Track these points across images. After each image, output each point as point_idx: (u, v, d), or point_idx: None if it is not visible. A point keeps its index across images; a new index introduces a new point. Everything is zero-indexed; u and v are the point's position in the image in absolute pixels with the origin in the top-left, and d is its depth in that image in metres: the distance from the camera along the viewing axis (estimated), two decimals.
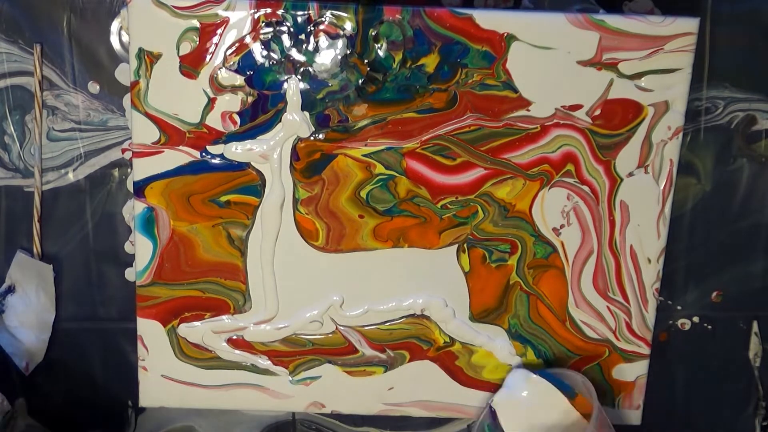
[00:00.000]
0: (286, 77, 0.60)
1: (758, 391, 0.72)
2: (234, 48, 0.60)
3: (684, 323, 0.70)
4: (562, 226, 0.64)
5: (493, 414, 0.61)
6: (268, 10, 0.59)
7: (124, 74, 0.65)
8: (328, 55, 0.60)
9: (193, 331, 0.65)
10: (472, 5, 0.65)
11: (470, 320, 0.65)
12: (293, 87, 0.60)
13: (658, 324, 0.67)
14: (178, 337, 0.65)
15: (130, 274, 0.68)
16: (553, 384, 0.61)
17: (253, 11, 0.59)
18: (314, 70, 0.60)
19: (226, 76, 0.60)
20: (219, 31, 0.59)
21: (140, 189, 0.62)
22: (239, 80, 0.60)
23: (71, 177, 0.66)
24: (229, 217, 0.63)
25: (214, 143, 0.61)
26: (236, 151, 0.61)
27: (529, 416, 0.60)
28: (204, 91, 0.60)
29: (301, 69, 0.60)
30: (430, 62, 0.60)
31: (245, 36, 0.59)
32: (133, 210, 0.63)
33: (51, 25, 0.64)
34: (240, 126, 0.61)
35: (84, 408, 0.70)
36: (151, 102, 0.60)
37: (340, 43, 0.60)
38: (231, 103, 0.61)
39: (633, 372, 0.67)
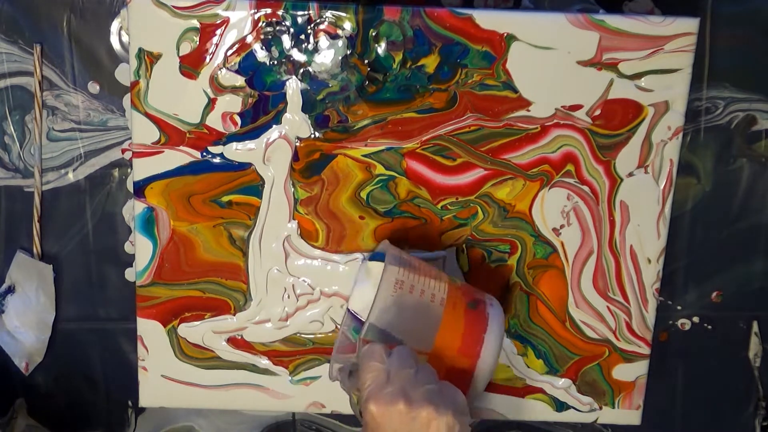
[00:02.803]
0: (286, 78, 0.60)
1: (758, 391, 0.72)
2: (234, 48, 0.60)
3: (684, 323, 0.70)
4: (562, 227, 0.64)
5: (352, 315, 0.58)
6: (268, 11, 0.59)
7: (124, 74, 0.65)
8: (328, 56, 0.60)
9: (193, 331, 0.65)
10: (472, 5, 0.65)
11: None
12: (293, 87, 0.60)
13: (658, 324, 0.67)
14: (178, 337, 0.65)
15: (130, 274, 0.68)
16: (381, 260, 0.58)
17: (253, 11, 0.59)
18: (314, 71, 0.60)
19: (226, 77, 0.60)
20: (219, 32, 0.59)
21: (140, 189, 0.62)
22: (240, 81, 0.60)
23: (71, 177, 0.66)
24: (231, 218, 0.63)
25: (215, 144, 0.61)
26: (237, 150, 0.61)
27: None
28: (204, 91, 0.60)
29: (302, 69, 0.60)
30: (430, 62, 0.60)
31: (245, 36, 0.59)
32: (133, 210, 0.63)
33: (51, 25, 0.64)
34: (241, 127, 0.61)
35: (84, 408, 0.70)
36: (151, 102, 0.60)
37: (340, 43, 0.60)
38: (231, 103, 0.61)
39: (633, 372, 0.67)
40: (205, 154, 0.62)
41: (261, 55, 0.60)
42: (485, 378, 0.55)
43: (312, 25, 0.59)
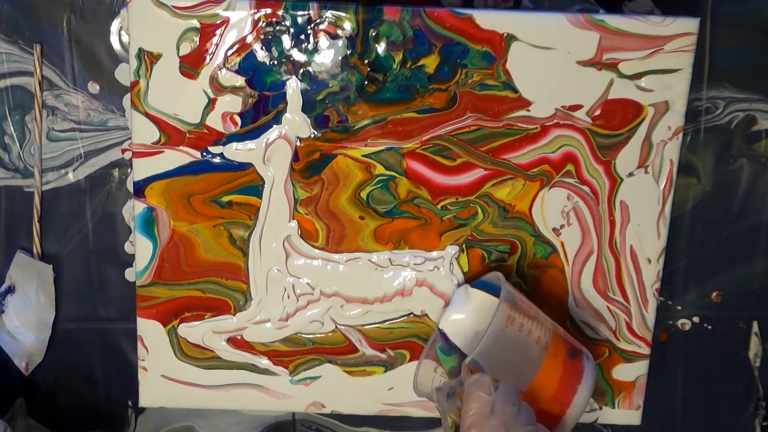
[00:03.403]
0: (286, 78, 0.60)
1: (758, 391, 0.72)
2: (234, 48, 0.60)
3: (684, 323, 0.70)
4: (562, 227, 0.64)
5: (443, 336, 0.61)
6: (268, 11, 0.59)
7: (124, 74, 0.65)
8: (328, 56, 0.60)
9: (193, 331, 0.65)
10: (472, 5, 0.65)
11: None
12: (294, 87, 0.60)
13: (658, 324, 0.67)
14: (178, 337, 0.65)
15: (130, 274, 0.68)
16: (488, 291, 0.61)
17: (253, 11, 0.59)
18: (314, 71, 0.60)
19: (226, 77, 0.60)
20: (219, 32, 0.59)
21: (140, 189, 0.62)
22: (240, 81, 0.60)
23: (71, 177, 0.66)
24: (231, 218, 0.63)
25: (215, 144, 0.61)
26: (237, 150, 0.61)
27: (475, 328, 0.60)
28: (204, 91, 0.60)
29: (302, 69, 0.60)
30: (430, 62, 0.60)
31: (245, 36, 0.59)
32: (133, 210, 0.63)
33: (51, 25, 0.64)
34: (241, 127, 0.61)
35: (84, 408, 0.70)
36: (151, 102, 0.60)
37: (340, 43, 0.60)
38: (231, 103, 0.61)
39: (633, 372, 0.67)
40: (205, 154, 0.62)
41: (261, 55, 0.60)
42: (568, 428, 0.57)
43: (312, 25, 0.59)
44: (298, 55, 0.60)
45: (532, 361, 0.56)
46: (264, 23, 0.59)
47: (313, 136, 0.61)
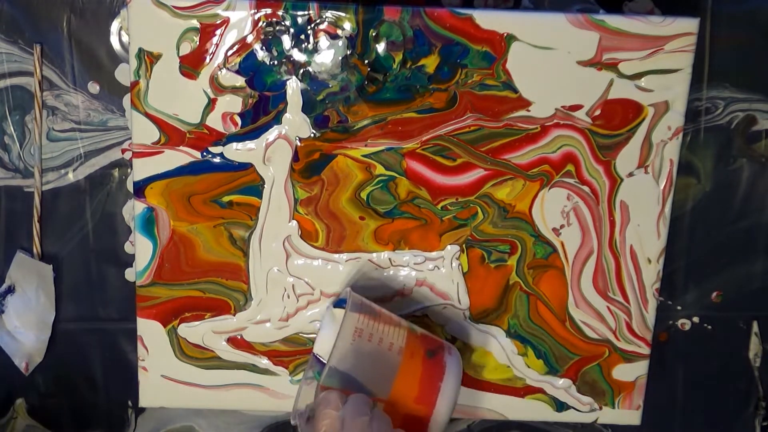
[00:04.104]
0: (286, 78, 0.60)
1: (758, 391, 0.72)
2: (234, 49, 0.60)
3: (684, 323, 0.70)
4: (562, 227, 0.64)
5: (318, 361, 0.60)
6: (268, 11, 0.59)
7: (124, 74, 0.65)
8: (328, 56, 0.60)
9: (193, 331, 0.65)
10: (472, 5, 0.65)
11: (470, 320, 0.65)
12: (294, 88, 0.60)
13: (658, 324, 0.67)
14: (178, 337, 0.65)
15: (130, 274, 0.68)
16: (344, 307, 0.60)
17: (253, 12, 0.59)
18: (314, 71, 0.60)
19: (226, 77, 0.60)
20: (219, 32, 0.59)
21: (140, 189, 0.62)
22: (240, 81, 0.60)
23: (71, 177, 0.66)
24: (232, 218, 0.63)
25: (215, 144, 0.61)
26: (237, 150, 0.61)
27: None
28: (204, 91, 0.60)
29: (302, 70, 0.60)
30: (430, 62, 0.60)
31: (246, 36, 0.59)
32: (133, 210, 0.63)
33: (51, 25, 0.64)
34: (241, 127, 0.61)
35: (84, 408, 0.70)
36: (151, 102, 0.60)
37: (340, 43, 0.60)
38: (232, 103, 0.61)
39: (633, 372, 0.67)
40: (205, 154, 0.62)
41: (261, 55, 0.60)
42: (441, 426, 0.56)
43: (312, 25, 0.59)
44: (298, 55, 0.60)
45: (389, 367, 0.55)
46: (264, 23, 0.59)
47: (313, 136, 0.61)
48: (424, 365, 0.57)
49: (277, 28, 0.59)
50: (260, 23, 0.59)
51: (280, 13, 0.59)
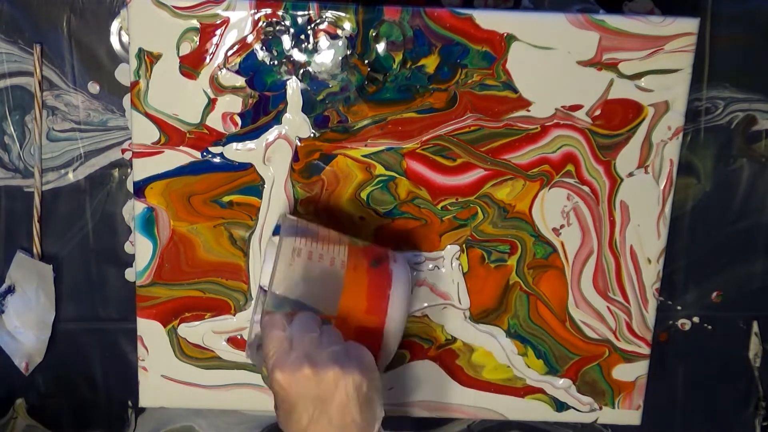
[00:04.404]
0: (286, 78, 0.60)
1: (758, 391, 0.72)
2: (234, 49, 0.60)
3: (684, 323, 0.70)
4: (562, 227, 0.64)
5: (265, 292, 0.57)
6: (268, 11, 0.59)
7: (124, 74, 0.65)
8: (328, 56, 0.60)
9: (193, 331, 0.65)
10: (472, 5, 0.65)
11: (470, 320, 0.65)
12: (294, 88, 0.60)
13: (658, 324, 0.67)
14: (178, 337, 0.65)
15: (130, 274, 0.68)
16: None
17: (253, 11, 0.59)
18: (314, 71, 0.60)
19: (226, 77, 0.60)
20: (219, 32, 0.59)
21: (140, 189, 0.62)
22: (240, 81, 0.60)
23: (71, 177, 0.66)
24: (232, 218, 0.63)
25: (215, 144, 0.61)
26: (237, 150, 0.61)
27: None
28: (204, 91, 0.60)
29: (302, 70, 0.60)
30: (430, 62, 0.60)
31: (246, 36, 0.59)
32: (133, 210, 0.63)
33: (51, 25, 0.64)
34: (241, 127, 0.61)
35: (84, 408, 0.70)
36: (151, 102, 0.60)
37: (340, 43, 0.60)
38: (232, 103, 0.61)
39: (633, 372, 0.67)
40: (205, 154, 0.62)
41: (261, 55, 0.60)
42: (396, 334, 0.55)
43: (312, 25, 0.59)
44: (298, 55, 0.60)
45: (333, 283, 0.54)
46: (264, 23, 0.59)
47: (313, 136, 0.61)
48: (370, 276, 0.55)
49: (277, 28, 0.59)
50: (260, 23, 0.59)
51: (280, 13, 0.59)
